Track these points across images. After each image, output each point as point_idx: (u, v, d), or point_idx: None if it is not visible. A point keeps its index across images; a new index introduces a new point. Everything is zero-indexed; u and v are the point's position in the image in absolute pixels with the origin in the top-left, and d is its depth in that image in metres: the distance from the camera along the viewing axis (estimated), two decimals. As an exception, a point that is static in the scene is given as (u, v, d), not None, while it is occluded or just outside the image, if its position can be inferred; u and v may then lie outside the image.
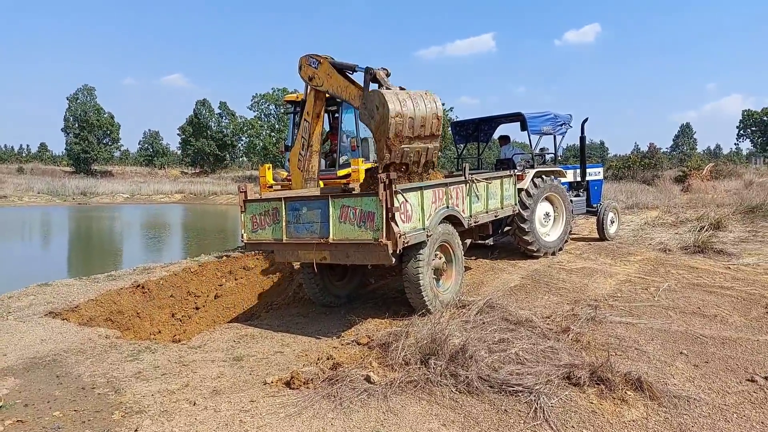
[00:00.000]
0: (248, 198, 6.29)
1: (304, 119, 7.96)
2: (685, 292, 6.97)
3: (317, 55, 7.35)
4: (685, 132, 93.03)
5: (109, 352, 5.40)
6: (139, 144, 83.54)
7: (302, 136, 8.01)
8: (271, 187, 10.21)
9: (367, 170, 7.26)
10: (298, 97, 11.16)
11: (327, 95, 7.74)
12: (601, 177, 12.24)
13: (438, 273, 6.34)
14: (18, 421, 3.81)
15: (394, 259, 5.41)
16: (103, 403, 4.12)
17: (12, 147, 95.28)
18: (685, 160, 53.32)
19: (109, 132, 70.92)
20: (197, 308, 7.72)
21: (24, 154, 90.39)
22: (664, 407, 3.79)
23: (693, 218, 13.74)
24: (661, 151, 49.36)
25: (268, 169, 9.82)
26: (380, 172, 5.67)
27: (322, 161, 11.05)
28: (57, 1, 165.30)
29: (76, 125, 67.73)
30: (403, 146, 6.04)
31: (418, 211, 5.77)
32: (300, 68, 7.52)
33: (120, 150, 79.16)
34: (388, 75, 6.45)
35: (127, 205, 42.45)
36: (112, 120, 71.41)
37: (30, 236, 23.64)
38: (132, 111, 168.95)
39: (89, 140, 67.30)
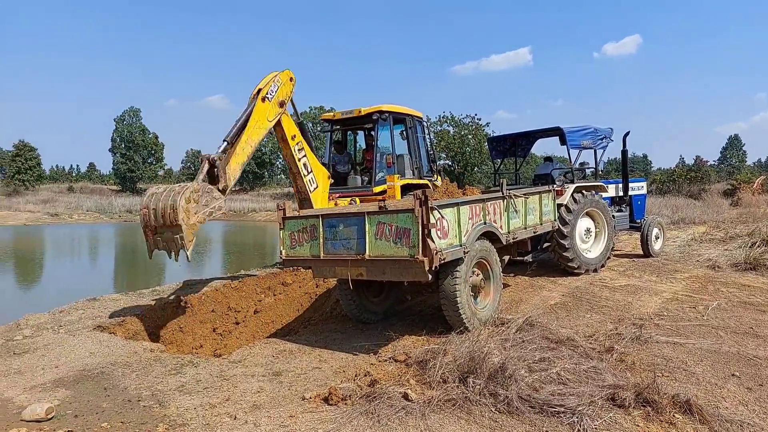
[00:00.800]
0: (287, 215, 6.39)
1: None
2: (736, 311, 6.69)
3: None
4: (734, 144, 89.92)
5: (153, 366, 5.54)
6: (181, 163, 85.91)
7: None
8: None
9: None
10: (334, 116, 11.34)
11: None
12: (644, 191, 11.95)
13: (476, 290, 6.28)
14: (69, 431, 3.94)
15: (430, 276, 5.38)
16: (148, 415, 4.22)
17: (63, 167, 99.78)
18: (734, 173, 51.47)
19: (153, 152, 73.35)
20: (237, 323, 7.84)
21: (74, 174, 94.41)
22: None
23: (743, 234, 13.21)
24: (708, 164, 47.88)
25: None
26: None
27: (358, 178, 11.17)
28: (104, 29, 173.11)
29: (123, 145, 70.35)
30: (155, 236, 6.86)
31: (454, 228, 5.74)
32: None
33: (164, 169, 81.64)
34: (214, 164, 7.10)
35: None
36: (156, 140, 73.86)
37: (79, 253, 24.56)
38: (175, 131, 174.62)
39: (135, 160, 69.77)
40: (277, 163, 74.54)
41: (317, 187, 9.05)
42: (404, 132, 11.14)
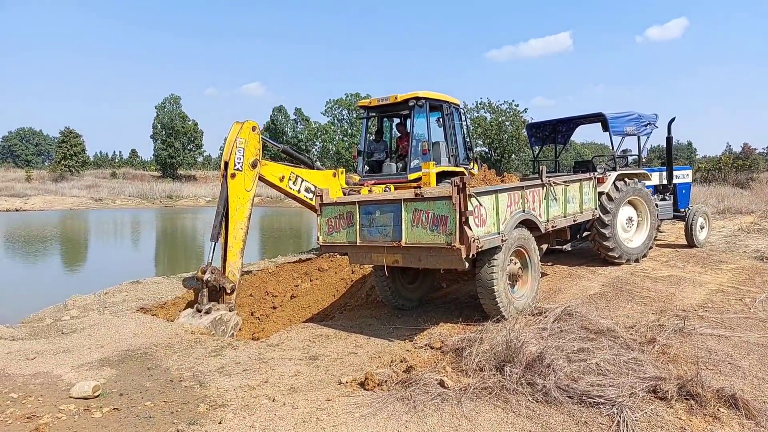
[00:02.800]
0: (324, 202, 6.43)
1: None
2: (785, 304, 6.43)
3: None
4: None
5: (194, 347, 5.69)
6: (220, 149, 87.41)
7: None
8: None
9: None
10: (370, 103, 11.31)
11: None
12: (689, 180, 11.55)
13: (513, 279, 6.20)
14: (114, 408, 4.08)
15: (467, 264, 5.34)
16: (189, 395, 4.34)
17: (106, 153, 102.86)
18: (785, 161, 49.26)
19: (193, 138, 74.77)
20: (274, 308, 7.97)
21: (117, 160, 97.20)
22: (762, 427, 3.50)
23: (794, 224, 12.65)
24: (757, 151, 45.95)
25: (342, 173, 10.00)
26: None
27: (393, 165, 11.14)
28: (145, 17, 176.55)
29: (163, 132, 71.90)
30: None
31: (492, 215, 5.67)
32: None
33: (203, 155, 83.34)
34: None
35: (209, 208, 44.57)
36: (195, 127, 75.25)
37: (122, 237, 25.36)
38: (214, 118, 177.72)
39: (175, 146, 71.27)
40: (314, 150, 75.14)
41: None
42: (440, 119, 11.04)
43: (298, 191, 8.63)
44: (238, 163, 7.49)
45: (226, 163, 7.49)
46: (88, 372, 4.92)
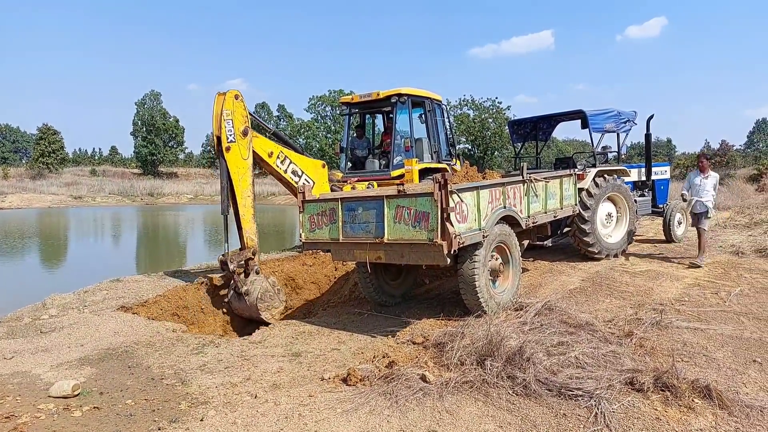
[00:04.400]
0: (307, 199, 6.43)
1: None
2: (759, 297, 6.59)
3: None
4: (761, 128, 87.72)
5: (176, 345, 5.66)
6: (202, 146, 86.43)
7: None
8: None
9: None
10: (353, 99, 11.30)
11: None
12: (667, 176, 11.75)
13: (494, 274, 6.27)
14: (94, 407, 4.05)
15: (449, 260, 5.39)
16: (170, 393, 4.33)
17: (86, 150, 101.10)
18: (761, 157, 50.24)
19: (174, 135, 73.95)
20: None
21: (96, 157, 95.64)
22: (734, 417, 3.60)
23: (769, 219, 12.93)
24: (734, 148, 46.81)
25: (323, 167, 9.96)
26: None
27: (376, 162, 11.14)
28: (124, 12, 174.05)
29: (144, 129, 71.03)
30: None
31: (474, 212, 5.72)
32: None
33: (184, 152, 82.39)
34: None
35: (191, 205, 44.22)
36: (177, 124, 74.44)
37: (103, 234, 25.03)
38: (195, 115, 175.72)
39: (156, 143, 70.44)
40: (296, 146, 74.78)
41: (314, 183, 8.85)
42: (423, 115, 11.07)
43: (285, 171, 8.62)
44: (230, 135, 7.51)
45: (219, 138, 7.52)
46: (67, 371, 4.87)
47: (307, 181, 8.79)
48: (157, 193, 50.72)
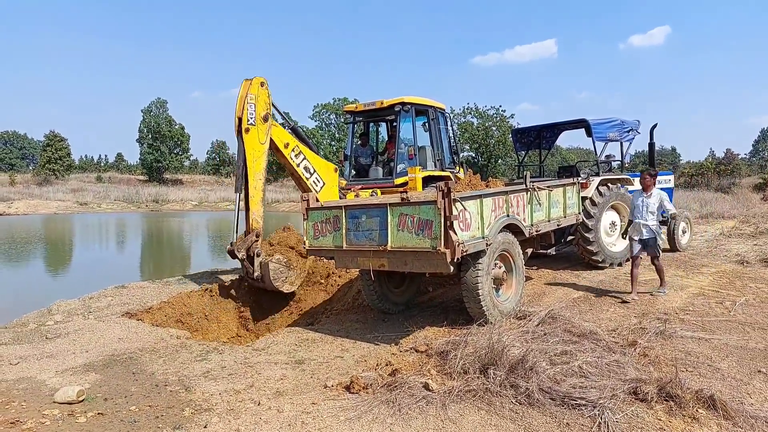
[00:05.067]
0: (310, 206, 6.45)
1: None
2: (764, 307, 6.56)
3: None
4: (766, 137, 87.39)
5: (180, 352, 5.68)
6: (207, 153, 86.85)
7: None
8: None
9: None
10: (357, 108, 11.35)
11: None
12: (671, 185, 11.74)
13: (498, 282, 6.27)
14: (99, 413, 4.07)
15: (452, 268, 5.40)
16: (174, 399, 4.34)
17: (92, 157, 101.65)
18: (766, 166, 50.08)
19: (179, 142, 74.18)
20: (262, 310, 7.97)
21: (102, 164, 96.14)
22: (739, 427, 3.58)
23: (774, 229, 12.89)
24: (739, 157, 46.69)
25: (335, 171, 10.00)
26: None
27: (380, 170, 11.17)
28: (130, 21, 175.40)
29: (150, 136, 71.25)
30: None
31: (477, 220, 5.73)
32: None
33: (189, 159, 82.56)
34: None
35: (196, 212, 44.33)
36: (182, 131, 74.69)
37: (108, 241, 25.11)
38: (201, 122, 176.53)
39: (161, 150, 70.66)
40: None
41: (324, 184, 9.05)
42: (426, 123, 11.10)
43: (297, 165, 8.85)
44: (251, 118, 7.86)
45: (240, 120, 7.84)
46: (72, 377, 4.90)
47: (317, 180, 8.97)
48: (162, 200, 50.80)
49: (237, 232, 7.91)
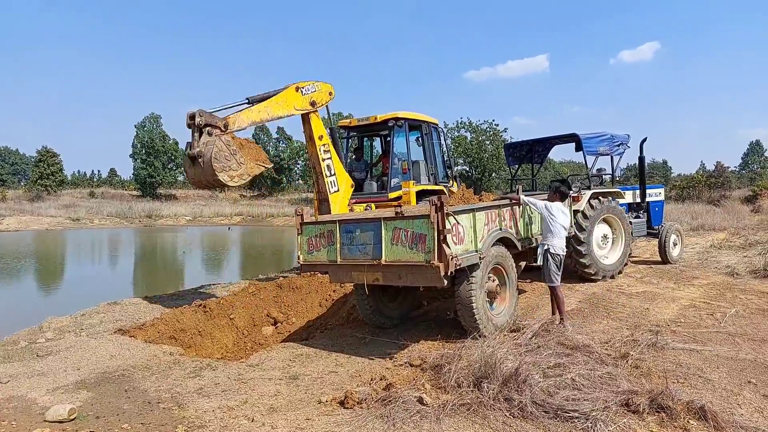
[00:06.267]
0: (305, 221, 6.48)
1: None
2: (754, 318, 6.62)
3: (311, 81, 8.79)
4: (755, 150, 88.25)
5: (172, 369, 5.65)
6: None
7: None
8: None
9: None
10: (351, 123, 11.44)
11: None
12: (662, 198, 11.87)
13: (491, 296, 6.30)
14: (90, 431, 4.04)
15: (446, 281, 5.42)
16: (167, 417, 4.32)
17: (85, 173, 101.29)
18: (756, 179, 50.59)
19: (173, 157, 74.08)
20: (255, 327, 7.94)
21: (95, 179, 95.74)
22: (730, 438, 3.61)
23: (764, 240, 13.03)
24: (729, 169, 47.13)
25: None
26: None
27: (374, 184, 11.24)
28: (124, 36, 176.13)
29: (143, 151, 71.19)
30: None
31: (470, 233, 5.78)
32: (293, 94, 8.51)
33: (183, 174, 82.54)
34: None
35: (190, 227, 44.19)
36: (176, 146, 74.56)
37: (100, 257, 24.97)
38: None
39: (155, 165, 70.54)
40: (296, 168, 75.02)
41: (338, 190, 9.24)
42: (420, 138, 11.20)
43: (323, 160, 9.11)
44: (307, 91, 8.68)
45: (297, 86, 8.58)
46: (63, 395, 4.86)
47: (334, 182, 9.23)
48: (155, 215, 50.61)
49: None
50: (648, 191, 11.06)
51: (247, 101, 8.20)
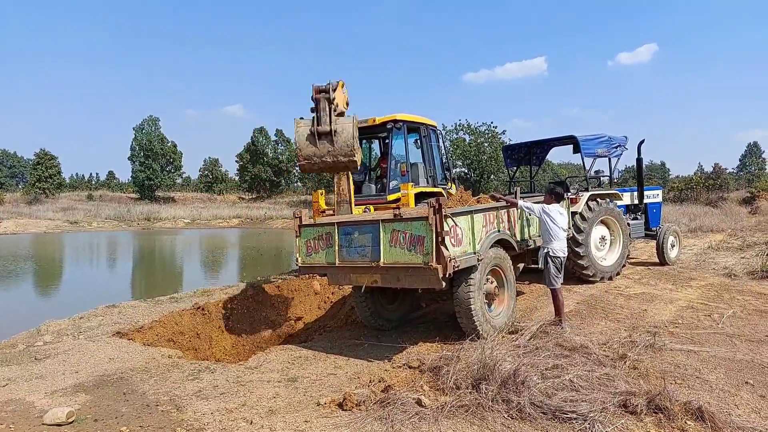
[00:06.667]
0: (303, 223, 6.49)
1: None
2: (751, 319, 6.64)
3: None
4: (753, 151, 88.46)
5: (171, 371, 5.65)
6: (199, 171, 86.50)
7: None
8: (323, 212, 10.44)
9: None
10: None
11: None
12: (659, 199, 11.88)
13: (489, 297, 6.31)
14: (89, 434, 4.04)
15: (444, 283, 5.44)
16: (166, 420, 4.32)
17: (83, 175, 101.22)
18: (753, 180, 50.71)
19: (172, 160, 74.12)
20: (253, 329, 7.95)
21: (94, 182, 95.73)
22: (727, 439, 3.62)
23: (761, 242, 13.06)
24: (727, 171, 47.25)
25: (321, 194, 10.06)
26: None
27: (372, 186, 11.24)
28: (122, 39, 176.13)
29: (142, 154, 71.13)
30: None
31: (468, 235, 5.79)
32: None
33: (182, 177, 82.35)
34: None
35: (188, 230, 44.12)
36: (174, 148, 74.63)
37: (98, 260, 24.93)
38: (193, 140, 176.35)
39: (153, 168, 70.50)
40: (294, 171, 74.97)
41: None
42: (418, 141, 11.21)
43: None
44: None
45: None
46: (62, 398, 4.86)
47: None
48: (153, 218, 50.54)
49: None
50: (646, 193, 11.08)
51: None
